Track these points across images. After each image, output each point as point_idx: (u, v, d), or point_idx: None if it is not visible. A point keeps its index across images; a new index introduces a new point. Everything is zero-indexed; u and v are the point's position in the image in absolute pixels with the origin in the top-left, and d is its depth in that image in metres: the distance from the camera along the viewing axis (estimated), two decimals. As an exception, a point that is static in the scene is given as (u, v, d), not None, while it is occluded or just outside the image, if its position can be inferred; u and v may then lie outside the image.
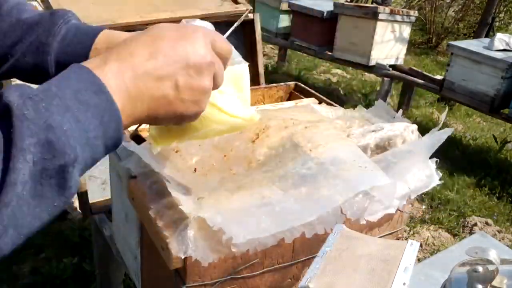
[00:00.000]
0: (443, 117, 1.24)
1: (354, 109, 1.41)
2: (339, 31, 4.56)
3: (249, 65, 0.82)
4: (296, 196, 0.94)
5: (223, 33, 0.74)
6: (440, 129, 1.14)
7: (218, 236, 0.91)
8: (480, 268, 0.76)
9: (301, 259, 1.09)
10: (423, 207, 3.25)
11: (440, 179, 1.16)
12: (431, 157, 1.16)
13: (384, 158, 1.11)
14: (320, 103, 1.55)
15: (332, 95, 5.23)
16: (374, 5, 5.29)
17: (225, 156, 1.08)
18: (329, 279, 0.76)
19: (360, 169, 1.02)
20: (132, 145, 1.03)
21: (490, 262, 0.75)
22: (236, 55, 0.79)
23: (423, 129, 1.23)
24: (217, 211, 0.88)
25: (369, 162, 1.06)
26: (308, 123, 1.20)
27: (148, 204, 0.98)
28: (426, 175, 1.17)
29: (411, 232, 2.96)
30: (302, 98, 1.62)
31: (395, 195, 1.07)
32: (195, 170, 1.04)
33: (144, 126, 1.31)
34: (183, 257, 0.89)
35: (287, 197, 0.94)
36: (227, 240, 0.83)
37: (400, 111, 1.29)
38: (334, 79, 5.97)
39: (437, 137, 1.14)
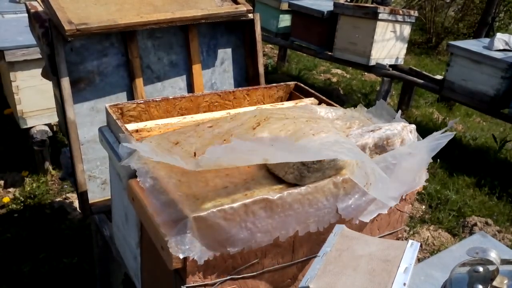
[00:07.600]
0: (450, 123, 1.22)
1: (354, 108, 1.41)
2: (339, 31, 4.56)
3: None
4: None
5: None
6: (440, 129, 1.13)
7: (214, 234, 0.91)
8: (481, 268, 0.75)
9: (301, 259, 1.09)
10: (423, 207, 3.25)
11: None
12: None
13: (383, 159, 1.11)
14: (320, 103, 1.55)
15: (332, 95, 5.23)
16: (374, 5, 5.29)
17: (224, 140, 1.08)
18: (329, 279, 0.76)
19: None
20: (133, 141, 1.05)
21: (491, 263, 0.75)
22: None
23: (423, 129, 1.23)
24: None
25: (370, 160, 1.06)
26: (309, 118, 1.20)
27: (147, 204, 0.98)
28: (418, 175, 1.17)
29: (411, 232, 2.96)
30: (302, 98, 1.62)
31: (389, 194, 1.07)
32: (194, 154, 1.05)
33: (144, 126, 1.31)
34: (182, 257, 0.89)
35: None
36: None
37: (400, 111, 1.29)
38: (334, 79, 5.96)
39: (438, 140, 1.13)
